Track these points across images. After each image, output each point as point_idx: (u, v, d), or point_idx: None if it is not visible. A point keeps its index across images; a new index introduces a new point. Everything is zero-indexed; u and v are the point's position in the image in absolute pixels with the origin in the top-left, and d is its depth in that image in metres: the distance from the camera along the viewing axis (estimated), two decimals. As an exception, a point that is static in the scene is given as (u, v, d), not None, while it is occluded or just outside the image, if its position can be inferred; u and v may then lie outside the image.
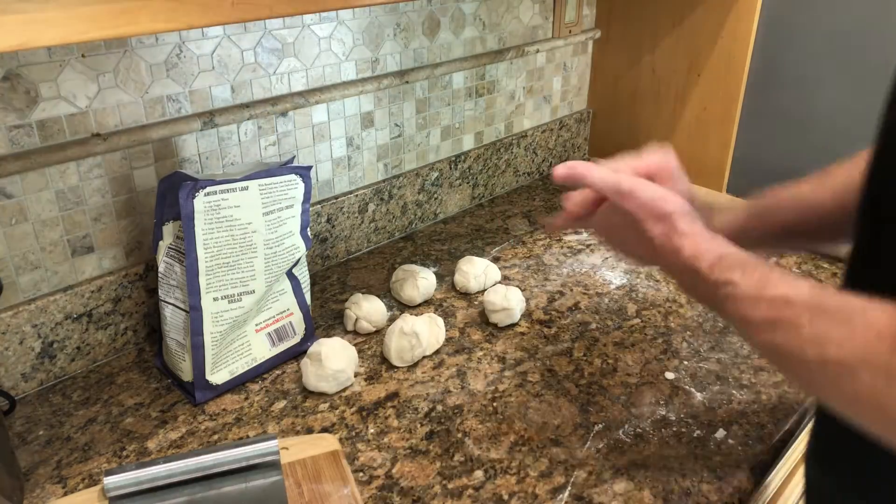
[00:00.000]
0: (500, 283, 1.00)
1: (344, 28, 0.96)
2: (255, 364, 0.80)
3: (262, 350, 0.80)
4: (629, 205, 0.58)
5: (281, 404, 0.77)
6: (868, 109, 1.14)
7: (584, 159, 1.49)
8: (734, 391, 0.78)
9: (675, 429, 0.72)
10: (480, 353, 0.85)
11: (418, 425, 0.73)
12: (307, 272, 0.86)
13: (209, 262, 0.72)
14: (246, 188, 0.73)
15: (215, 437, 0.72)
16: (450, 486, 0.65)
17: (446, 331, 0.89)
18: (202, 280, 0.72)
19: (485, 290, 0.97)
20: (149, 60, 0.79)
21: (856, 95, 1.14)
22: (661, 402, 0.76)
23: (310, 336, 0.85)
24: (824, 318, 0.44)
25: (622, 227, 0.61)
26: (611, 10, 1.36)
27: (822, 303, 0.45)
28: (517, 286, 0.98)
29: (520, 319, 0.91)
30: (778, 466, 0.87)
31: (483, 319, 0.92)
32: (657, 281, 1.01)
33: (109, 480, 0.60)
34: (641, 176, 0.63)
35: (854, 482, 0.61)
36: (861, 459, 0.60)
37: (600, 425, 0.73)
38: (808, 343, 0.44)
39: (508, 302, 0.89)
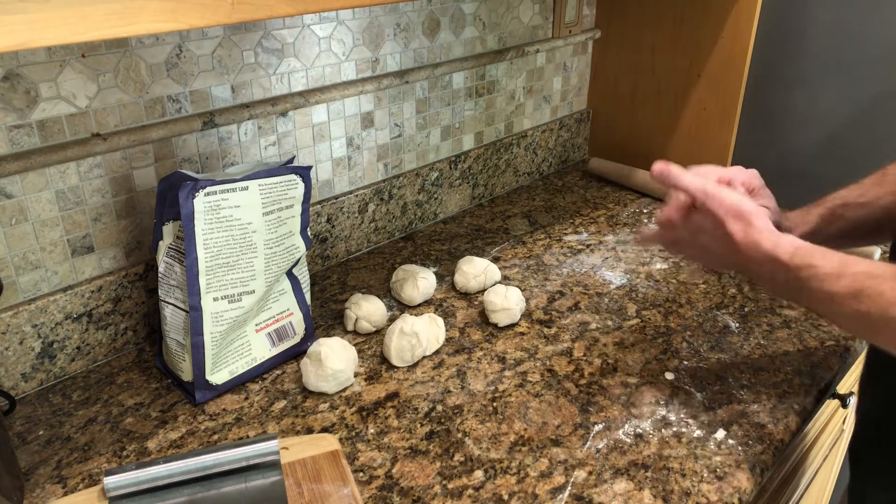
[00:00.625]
0: (500, 283, 1.00)
1: (344, 28, 0.96)
2: (255, 364, 0.80)
3: (262, 350, 0.80)
4: (713, 205, 0.66)
5: (281, 404, 0.77)
6: (868, 109, 1.14)
7: (583, 160, 1.49)
8: (734, 391, 0.78)
9: (675, 429, 0.72)
10: (480, 353, 0.85)
11: (418, 425, 0.73)
12: (307, 272, 0.86)
13: (209, 262, 0.72)
14: (246, 188, 0.73)
15: (215, 437, 0.72)
16: (450, 486, 0.65)
17: (446, 331, 0.89)
18: (202, 280, 0.72)
19: (485, 290, 0.97)
20: (149, 60, 0.79)
21: (856, 95, 1.15)
22: (661, 402, 0.76)
23: (310, 336, 0.85)
24: None
25: (702, 233, 0.69)
26: (611, 10, 1.36)
27: None
28: (517, 286, 0.98)
29: (520, 319, 0.91)
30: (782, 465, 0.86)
31: (483, 319, 0.92)
32: (657, 281, 1.01)
33: (109, 480, 0.60)
34: (724, 182, 0.74)
35: None
36: None
37: (600, 425, 0.73)
38: (892, 305, 0.53)
39: (508, 302, 0.89)
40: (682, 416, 0.74)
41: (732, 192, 0.68)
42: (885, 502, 0.72)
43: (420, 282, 0.94)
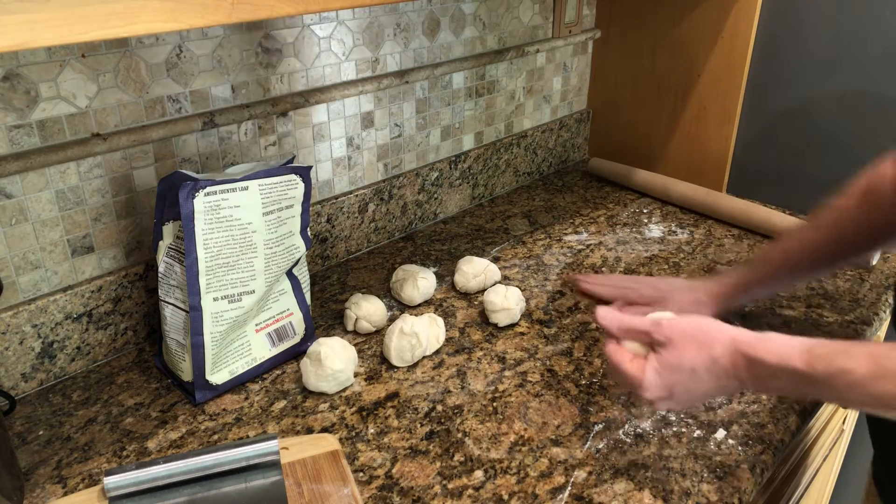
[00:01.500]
0: (500, 283, 1.00)
1: (344, 28, 0.96)
2: (255, 364, 0.80)
3: (262, 350, 0.80)
4: (669, 333, 0.60)
5: (281, 404, 0.77)
6: (867, 109, 1.14)
7: (583, 160, 1.49)
8: (734, 391, 0.78)
9: (675, 429, 0.72)
10: (480, 353, 0.85)
11: (418, 425, 0.73)
12: (307, 272, 0.86)
13: (209, 262, 0.72)
14: (246, 188, 0.73)
15: (215, 437, 0.72)
16: (450, 486, 0.65)
17: (446, 331, 0.89)
18: (202, 280, 0.72)
19: (485, 290, 0.97)
20: (149, 60, 0.79)
21: (855, 95, 1.15)
22: (661, 402, 0.76)
23: (310, 336, 0.85)
24: None
25: (683, 377, 0.60)
26: (611, 10, 1.36)
27: None
28: (517, 286, 0.98)
29: (520, 319, 0.91)
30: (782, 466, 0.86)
31: (483, 319, 0.92)
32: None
33: (109, 480, 0.60)
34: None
35: None
36: None
37: (600, 425, 0.73)
38: None
39: (508, 302, 0.89)
40: (682, 416, 0.74)
41: (684, 316, 0.62)
42: None
43: (420, 282, 0.94)
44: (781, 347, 0.56)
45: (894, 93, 1.11)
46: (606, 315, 0.66)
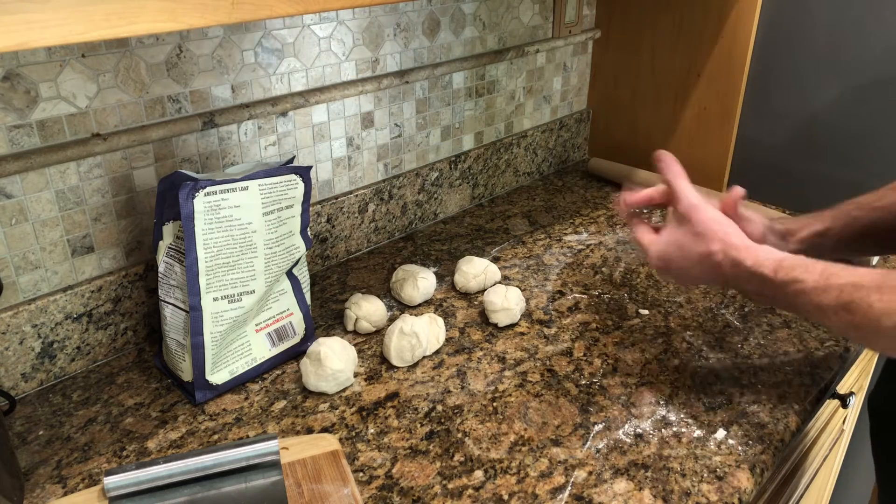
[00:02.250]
0: (500, 283, 1.00)
1: (344, 28, 0.96)
2: (255, 364, 0.80)
3: (262, 350, 0.80)
4: (693, 215, 0.68)
5: (281, 404, 0.77)
6: (868, 109, 1.14)
7: (583, 160, 1.49)
8: (734, 391, 0.78)
9: (675, 429, 0.72)
10: (480, 353, 0.85)
11: (418, 425, 0.73)
12: (307, 272, 0.86)
13: (209, 262, 0.72)
14: (246, 188, 0.73)
15: (215, 437, 0.72)
16: (450, 486, 0.65)
17: (446, 331, 0.89)
18: (202, 280, 0.72)
19: (485, 290, 0.97)
20: (149, 60, 0.79)
21: (855, 95, 1.15)
22: (661, 402, 0.76)
23: (310, 336, 0.85)
24: (891, 293, 0.53)
25: (682, 256, 0.70)
26: (611, 10, 1.36)
27: (885, 282, 0.54)
28: (517, 286, 0.98)
29: (520, 319, 0.91)
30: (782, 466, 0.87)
31: (483, 319, 0.92)
32: (657, 281, 1.01)
33: (109, 480, 0.60)
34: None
35: None
36: None
37: (600, 425, 0.73)
38: (882, 315, 0.53)
39: (508, 302, 0.89)
40: (682, 416, 0.74)
41: (714, 210, 0.69)
42: None
43: (420, 282, 0.94)
44: (762, 256, 0.63)
45: (894, 92, 1.11)
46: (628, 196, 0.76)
